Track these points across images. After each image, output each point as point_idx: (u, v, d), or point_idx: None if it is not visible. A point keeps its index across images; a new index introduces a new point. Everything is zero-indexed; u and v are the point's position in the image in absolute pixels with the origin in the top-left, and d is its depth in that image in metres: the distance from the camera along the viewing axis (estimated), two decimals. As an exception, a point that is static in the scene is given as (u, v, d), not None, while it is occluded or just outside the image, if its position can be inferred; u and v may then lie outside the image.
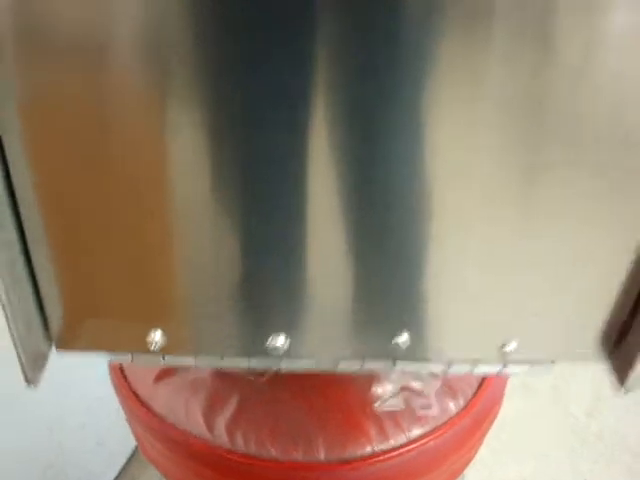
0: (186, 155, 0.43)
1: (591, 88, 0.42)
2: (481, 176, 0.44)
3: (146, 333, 0.47)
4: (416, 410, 0.81)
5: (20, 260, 0.46)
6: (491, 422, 0.88)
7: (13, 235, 0.45)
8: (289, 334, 0.48)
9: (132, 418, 0.82)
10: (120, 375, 0.82)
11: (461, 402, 0.82)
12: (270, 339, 0.48)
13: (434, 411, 0.81)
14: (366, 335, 0.49)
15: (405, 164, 0.44)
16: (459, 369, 0.52)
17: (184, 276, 0.47)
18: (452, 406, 0.82)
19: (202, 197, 0.44)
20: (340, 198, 0.45)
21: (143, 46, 0.40)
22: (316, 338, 0.49)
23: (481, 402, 0.84)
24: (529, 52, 0.40)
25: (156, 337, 0.47)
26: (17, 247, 0.45)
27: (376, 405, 0.80)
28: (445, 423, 0.81)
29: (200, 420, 0.78)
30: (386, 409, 0.80)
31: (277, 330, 0.48)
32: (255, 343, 0.48)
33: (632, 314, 0.51)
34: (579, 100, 0.42)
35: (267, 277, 0.47)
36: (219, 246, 0.46)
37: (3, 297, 0.44)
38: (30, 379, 0.46)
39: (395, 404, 0.81)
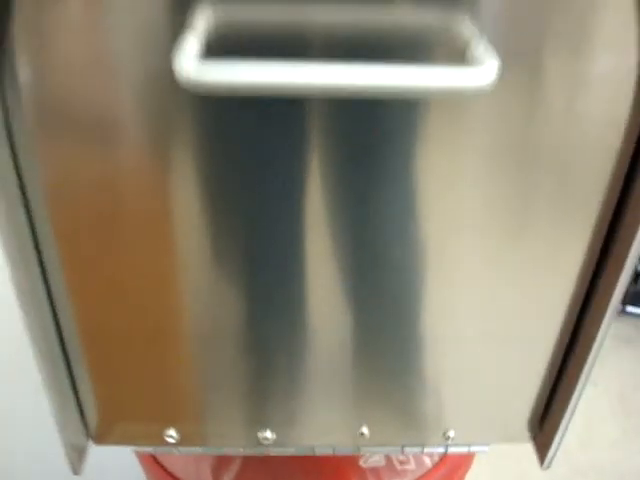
0: (192, 234, 0.51)
1: (577, 137, 0.47)
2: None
3: (163, 432, 0.61)
4: (396, 465, 0.94)
5: (64, 373, 0.60)
6: (465, 472, 1.01)
7: (57, 351, 0.59)
8: (275, 430, 0.62)
9: (149, 476, 0.95)
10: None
11: (436, 457, 0.95)
12: (260, 434, 0.61)
13: (411, 465, 0.94)
14: (335, 429, 0.62)
15: (396, 239, 0.52)
16: (411, 451, 0.65)
17: (192, 385, 0.61)
18: (427, 461, 0.95)
19: (209, 289, 0.54)
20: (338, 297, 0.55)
21: (150, 130, 0.46)
22: (296, 433, 0.62)
23: (454, 456, 0.96)
24: (518, 103, 0.45)
25: (171, 435, 0.61)
26: (61, 364, 0.59)
27: (361, 462, 0.93)
28: (422, 475, 0.93)
29: (209, 478, 0.91)
30: (370, 465, 0.93)
31: (265, 427, 0.62)
32: (248, 437, 0.62)
33: (550, 400, 0.64)
34: (565, 150, 0.47)
35: (261, 381, 0.61)
36: (222, 357, 0.60)
37: (54, 409, 0.58)
38: (75, 469, 0.59)
39: (377, 460, 0.94)
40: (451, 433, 0.62)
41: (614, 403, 2.07)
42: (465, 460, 1.00)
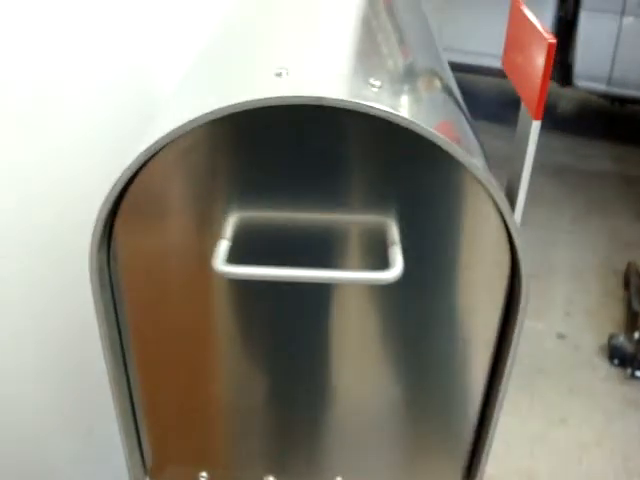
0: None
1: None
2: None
3: (199, 473, 0.88)
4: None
5: (134, 435, 0.87)
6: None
7: (131, 421, 0.86)
8: (276, 476, 0.88)
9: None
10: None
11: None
12: (265, 478, 0.88)
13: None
14: (319, 477, 0.88)
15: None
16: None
17: (220, 443, 0.87)
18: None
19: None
20: None
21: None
22: (291, 479, 0.89)
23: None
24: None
25: (204, 476, 0.88)
26: (133, 429, 0.87)
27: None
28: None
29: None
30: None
31: (269, 474, 0.88)
32: (257, 480, 0.89)
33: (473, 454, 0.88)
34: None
35: (270, 446, 0.87)
36: (244, 426, 0.86)
37: (126, 454, 0.85)
38: (136, 497, 0.87)
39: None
40: None
41: (618, 464, 2.20)
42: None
